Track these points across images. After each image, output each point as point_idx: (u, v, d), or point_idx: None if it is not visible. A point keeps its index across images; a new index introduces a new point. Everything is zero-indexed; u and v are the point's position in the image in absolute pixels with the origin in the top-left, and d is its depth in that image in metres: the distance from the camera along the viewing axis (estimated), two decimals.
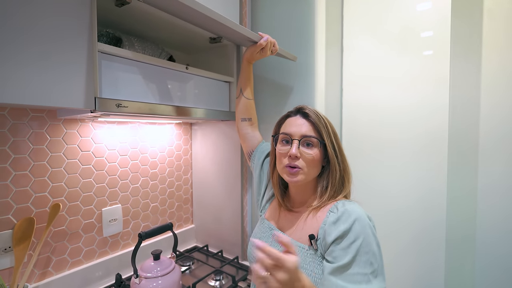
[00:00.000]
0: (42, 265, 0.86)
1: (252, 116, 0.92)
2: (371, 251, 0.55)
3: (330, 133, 0.65)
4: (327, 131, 0.65)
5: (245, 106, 0.91)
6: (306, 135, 0.65)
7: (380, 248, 0.57)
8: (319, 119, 0.66)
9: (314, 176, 0.67)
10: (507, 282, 0.80)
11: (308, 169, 0.65)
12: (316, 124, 0.65)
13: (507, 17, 0.78)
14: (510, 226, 0.80)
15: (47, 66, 0.57)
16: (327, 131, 0.65)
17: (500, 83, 0.80)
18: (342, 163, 0.66)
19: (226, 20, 0.78)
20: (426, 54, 0.86)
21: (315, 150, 0.65)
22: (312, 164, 0.65)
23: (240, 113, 0.92)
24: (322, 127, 0.65)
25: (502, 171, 0.81)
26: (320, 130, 0.65)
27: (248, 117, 0.92)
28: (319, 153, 0.65)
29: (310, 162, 0.64)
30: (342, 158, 0.66)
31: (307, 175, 0.65)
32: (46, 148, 0.86)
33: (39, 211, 0.84)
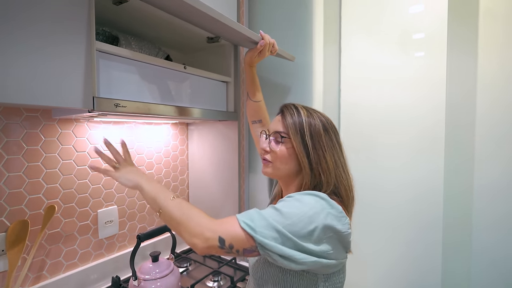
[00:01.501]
0: (37, 268, 0.84)
1: (262, 117, 0.93)
2: (291, 205, 0.54)
3: (302, 131, 0.62)
4: (297, 128, 0.62)
5: (254, 109, 0.93)
6: (275, 131, 0.66)
7: (305, 217, 0.53)
8: (293, 116, 0.64)
9: (287, 171, 0.65)
10: (502, 281, 0.82)
11: (276, 163, 0.65)
12: (287, 120, 0.64)
13: (504, 17, 0.80)
14: (506, 225, 0.82)
15: (43, 65, 0.56)
16: (297, 128, 0.62)
17: (496, 82, 0.81)
18: (316, 163, 0.61)
19: (228, 19, 0.78)
20: (423, 55, 0.87)
21: (282, 147, 0.64)
22: (280, 159, 0.64)
23: (251, 116, 0.94)
24: (292, 124, 0.63)
25: (498, 170, 0.82)
26: (288, 127, 0.63)
27: (258, 119, 0.93)
28: (285, 149, 0.64)
29: (277, 157, 0.65)
30: (318, 158, 0.61)
31: (275, 169, 0.66)
32: (41, 148, 0.84)
33: (33, 213, 0.82)
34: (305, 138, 0.62)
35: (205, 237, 0.52)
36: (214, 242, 0.52)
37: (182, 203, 0.60)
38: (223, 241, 0.52)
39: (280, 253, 0.50)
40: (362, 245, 0.65)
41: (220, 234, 0.52)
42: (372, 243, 0.97)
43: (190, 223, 0.55)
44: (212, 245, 0.52)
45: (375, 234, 0.97)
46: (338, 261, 0.56)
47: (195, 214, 0.56)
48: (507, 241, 0.81)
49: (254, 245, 0.51)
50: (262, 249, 0.51)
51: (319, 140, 0.62)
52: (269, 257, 0.52)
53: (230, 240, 0.52)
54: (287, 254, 0.50)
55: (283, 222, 0.52)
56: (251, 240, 0.51)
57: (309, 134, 0.62)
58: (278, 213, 0.53)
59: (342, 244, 0.57)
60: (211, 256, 1.20)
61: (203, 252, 0.54)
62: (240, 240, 0.52)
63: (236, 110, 1.12)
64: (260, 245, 0.51)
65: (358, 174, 0.68)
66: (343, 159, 0.65)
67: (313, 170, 0.61)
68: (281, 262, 0.51)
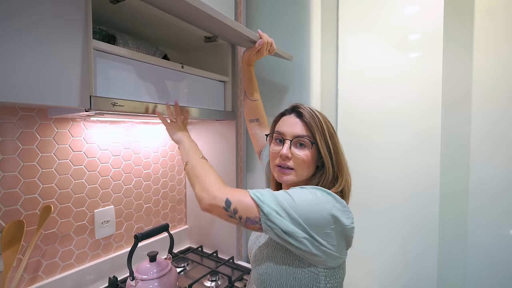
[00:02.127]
0: (32, 269, 0.83)
1: (259, 116, 0.93)
2: (298, 194, 0.55)
3: (324, 133, 0.62)
4: (321, 131, 0.62)
5: (251, 107, 0.93)
6: (298, 135, 0.63)
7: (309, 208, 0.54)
8: (314, 118, 0.63)
9: (306, 177, 0.64)
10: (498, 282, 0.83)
11: (299, 170, 0.63)
12: (310, 124, 0.62)
13: (499, 17, 0.81)
14: (501, 226, 0.83)
15: (40, 63, 0.55)
16: (321, 131, 0.62)
17: (492, 83, 0.82)
18: (337, 165, 0.63)
19: (226, 18, 0.78)
20: (420, 55, 0.88)
21: (307, 151, 0.62)
22: (304, 165, 0.62)
23: (248, 115, 0.94)
24: (316, 127, 0.62)
25: (494, 171, 0.83)
26: (313, 130, 0.62)
27: (256, 118, 0.93)
28: (310, 154, 0.62)
29: (301, 163, 0.62)
30: (337, 159, 0.63)
31: (297, 176, 0.63)
32: (36, 148, 0.83)
33: (28, 214, 0.82)
34: (327, 140, 0.62)
35: (213, 194, 0.57)
36: (220, 202, 0.55)
37: (207, 164, 0.67)
38: (229, 203, 0.55)
39: (282, 227, 0.52)
40: (357, 247, 0.65)
41: (228, 196, 0.55)
42: (368, 244, 0.98)
43: (206, 179, 0.61)
44: (218, 204, 0.55)
45: (371, 236, 0.97)
46: (338, 254, 0.56)
47: (214, 176, 0.62)
48: (502, 243, 0.82)
49: (258, 216, 0.53)
50: (265, 219, 0.52)
51: (335, 142, 0.64)
52: (271, 230, 0.53)
53: (236, 204, 0.54)
54: (289, 229, 0.52)
55: (290, 203, 0.53)
56: (257, 209, 0.53)
57: (329, 136, 0.63)
58: (288, 196, 0.55)
59: (345, 238, 0.57)
60: (208, 256, 1.20)
61: (206, 208, 0.58)
62: (246, 208, 0.54)
63: (234, 110, 1.12)
64: (264, 215, 0.52)
65: (354, 175, 0.67)
66: (345, 159, 0.66)
67: (335, 173, 0.62)
68: (282, 236, 0.52)
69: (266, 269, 0.61)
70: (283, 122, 0.67)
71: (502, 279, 0.82)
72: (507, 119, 0.81)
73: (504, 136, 0.81)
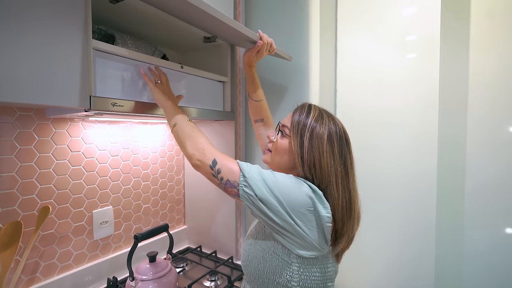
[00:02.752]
0: (30, 270, 0.82)
1: (264, 116, 0.94)
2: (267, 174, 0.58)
3: (303, 132, 0.62)
4: (297, 127, 0.63)
5: (255, 108, 0.94)
6: (282, 125, 0.68)
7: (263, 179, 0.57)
8: (301, 115, 0.64)
9: (280, 165, 0.66)
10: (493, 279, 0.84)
11: (272, 154, 0.68)
12: (293, 118, 0.65)
13: (496, 18, 0.82)
14: (498, 225, 0.84)
15: (39, 63, 0.55)
16: (298, 128, 0.63)
17: (489, 83, 0.83)
18: (309, 164, 0.60)
19: (227, 18, 0.77)
20: (417, 56, 0.89)
21: (284, 140, 0.66)
22: (276, 151, 0.67)
23: (253, 115, 0.96)
24: (296, 123, 0.63)
25: (489, 171, 0.84)
26: (293, 125, 0.64)
27: (260, 118, 0.94)
28: (285, 144, 0.65)
29: (275, 149, 0.67)
30: (312, 160, 0.60)
31: (272, 160, 0.69)
32: (34, 148, 0.82)
33: (26, 214, 0.81)
34: (304, 139, 0.61)
35: (203, 153, 0.62)
36: (208, 160, 0.61)
37: (196, 126, 0.69)
38: (216, 163, 0.60)
39: (258, 193, 0.55)
40: (354, 247, 0.65)
41: (216, 157, 0.61)
42: (365, 245, 0.98)
43: (198, 139, 0.64)
44: (205, 162, 0.61)
45: (368, 236, 0.98)
46: (313, 241, 0.56)
47: (204, 137, 0.66)
48: (499, 244, 0.83)
49: (238, 181, 0.57)
50: (244, 185, 0.56)
51: (318, 145, 0.60)
52: (247, 196, 0.56)
53: (221, 165, 0.60)
54: (264, 197, 0.55)
55: (271, 178, 0.57)
56: (238, 174, 0.58)
57: (309, 136, 0.61)
58: (271, 172, 0.59)
59: (320, 227, 0.56)
60: (207, 256, 1.20)
61: (195, 164, 0.63)
62: (229, 170, 0.59)
63: (233, 110, 1.12)
64: (244, 178, 0.57)
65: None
66: (343, 172, 0.61)
67: (305, 171, 0.61)
68: (257, 204, 0.55)
69: (247, 255, 0.65)
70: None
71: (498, 280, 0.83)
72: (503, 120, 0.82)
73: (500, 137, 0.82)
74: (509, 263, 0.82)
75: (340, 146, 0.62)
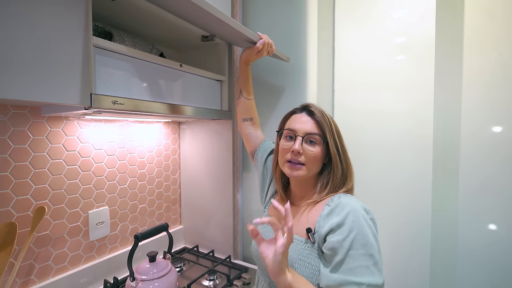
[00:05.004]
0: (24, 273, 0.80)
1: (253, 115, 0.92)
2: (369, 242, 0.55)
3: (333, 132, 0.67)
4: (330, 129, 0.67)
5: (246, 106, 0.92)
6: (309, 133, 0.66)
7: (377, 241, 0.58)
8: (324, 117, 0.67)
9: (315, 172, 0.69)
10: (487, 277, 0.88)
11: (309, 166, 0.66)
12: (320, 122, 0.66)
13: (490, 19, 0.84)
14: (486, 222, 0.87)
15: (38, 60, 0.53)
16: (331, 129, 0.67)
17: (482, 83, 0.86)
18: (344, 162, 0.67)
19: (228, 18, 0.77)
20: (412, 58, 0.91)
21: (317, 148, 0.66)
22: (314, 161, 0.66)
23: (241, 114, 0.93)
24: (326, 126, 0.66)
25: (481, 171, 0.87)
26: (324, 128, 0.66)
27: (249, 117, 0.92)
28: (320, 151, 0.66)
29: (312, 159, 0.66)
30: (345, 157, 0.68)
31: (308, 171, 0.67)
32: (29, 147, 0.80)
33: (20, 215, 0.79)
34: (336, 139, 0.67)
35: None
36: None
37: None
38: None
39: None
40: None
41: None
42: None
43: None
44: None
45: None
46: None
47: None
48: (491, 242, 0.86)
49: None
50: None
51: (342, 141, 0.68)
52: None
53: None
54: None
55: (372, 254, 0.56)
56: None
57: (337, 135, 0.67)
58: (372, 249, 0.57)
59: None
60: (205, 256, 1.19)
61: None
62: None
63: (230, 109, 1.12)
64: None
65: None
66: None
67: (344, 170, 0.67)
68: None
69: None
70: (294, 120, 0.71)
71: (492, 278, 0.86)
72: (498, 120, 0.84)
73: (495, 137, 0.85)
74: (502, 262, 0.85)
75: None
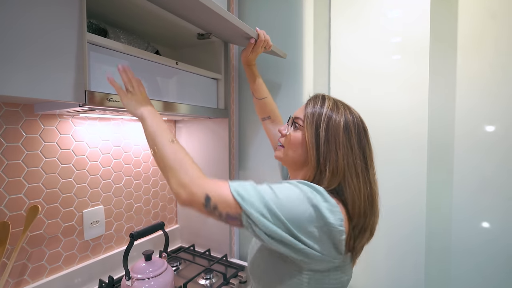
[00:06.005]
0: (17, 273, 0.79)
1: (270, 114, 0.93)
2: (283, 191, 0.52)
3: (318, 122, 0.58)
4: (313, 118, 0.59)
5: (260, 106, 0.94)
6: (295, 116, 0.64)
7: (292, 205, 0.51)
8: (315, 106, 0.61)
9: (294, 159, 0.63)
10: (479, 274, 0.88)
11: (285, 149, 0.64)
12: (307, 109, 0.62)
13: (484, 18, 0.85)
14: (481, 221, 0.88)
15: (32, 55, 0.53)
16: (313, 119, 0.59)
17: (476, 82, 0.87)
18: (325, 157, 0.57)
19: (227, 13, 0.77)
20: (407, 57, 0.91)
21: (298, 133, 0.62)
22: (290, 145, 0.63)
23: (259, 114, 0.95)
24: (310, 114, 0.60)
25: (476, 171, 0.88)
26: (307, 115, 0.61)
27: (267, 116, 0.93)
28: (299, 137, 0.62)
29: (288, 142, 0.63)
30: (328, 152, 0.57)
31: (284, 155, 0.64)
32: (21, 145, 0.79)
33: (13, 215, 0.77)
34: (319, 130, 0.58)
35: (191, 190, 0.52)
36: (199, 198, 0.51)
37: (180, 150, 0.57)
38: (209, 200, 0.51)
39: (264, 228, 0.48)
40: None
41: (208, 192, 0.51)
42: None
43: (181, 171, 0.54)
44: (197, 200, 0.51)
45: None
46: (324, 257, 0.52)
47: (189, 165, 0.55)
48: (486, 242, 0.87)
49: (240, 212, 0.49)
50: (247, 219, 0.49)
51: (335, 136, 0.57)
52: (251, 229, 0.49)
53: (216, 200, 0.50)
54: (271, 231, 0.48)
55: (274, 199, 0.50)
56: (238, 207, 0.49)
57: (325, 126, 0.58)
58: (272, 191, 0.51)
59: (331, 240, 0.51)
60: (201, 255, 1.19)
61: (185, 205, 0.53)
62: (226, 203, 0.50)
63: (226, 108, 1.11)
64: (246, 215, 0.49)
65: None
66: (362, 164, 0.57)
67: (320, 165, 0.57)
68: (263, 237, 0.49)
69: (253, 260, 0.63)
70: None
71: (487, 277, 0.87)
72: (492, 118, 0.85)
73: (490, 135, 0.85)
74: (497, 260, 0.86)
75: (358, 136, 0.58)
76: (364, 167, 0.57)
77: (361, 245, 0.58)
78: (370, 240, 0.60)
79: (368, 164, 0.58)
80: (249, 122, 1.23)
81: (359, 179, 0.56)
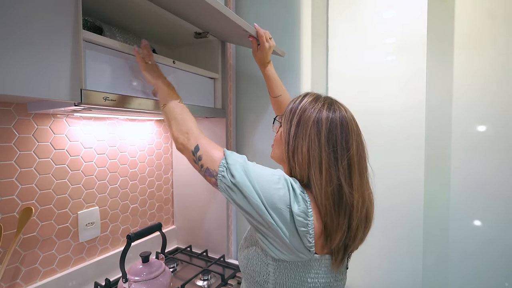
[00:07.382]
0: (10, 277, 0.77)
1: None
2: (258, 169, 0.54)
3: (292, 117, 0.58)
4: (289, 114, 0.59)
5: (276, 104, 0.94)
6: (277, 114, 0.69)
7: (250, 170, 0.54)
8: (294, 102, 0.60)
9: (279, 156, 0.63)
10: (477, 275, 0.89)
11: (274, 147, 0.67)
12: (287, 106, 0.61)
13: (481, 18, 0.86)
14: (477, 219, 0.89)
15: (27, 53, 0.51)
16: (289, 114, 0.59)
17: (473, 82, 0.87)
18: (292, 151, 0.56)
19: (226, 9, 0.76)
20: (405, 56, 0.92)
21: (279, 130, 0.64)
22: (276, 142, 0.65)
23: (276, 112, 0.96)
24: (288, 110, 0.60)
25: (474, 171, 0.89)
26: (285, 112, 0.61)
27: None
28: (279, 133, 0.64)
29: (276, 140, 0.66)
30: (294, 146, 0.56)
31: (273, 153, 0.67)
32: (14, 145, 0.77)
33: (6, 217, 0.75)
34: (292, 124, 0.57)
35: (188, 138, 0.62)
36: (191, 146, 0.60)
37: (186, 108, 0.69)
38: (197, 149, 0.59)
39: (238, 178, 0.52)
40: None
41: (199, 143, 0.60)
42: None
43: (185, 123, 0.64)
44: (188, 147, 0.61)
45: None
46: (291, 245, 0.50)
47: (192, 121, 0.65)
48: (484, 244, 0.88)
49: (217, 171, 0.55)
50: (224, 166, 0.54)
51: (304, 130, 0.55)
52: (224, 185, 0.54)
53: (203, 152, 0.59)
54: (243, 184, 0.51)
55: (253, 170, 0.54)
56: (219, 163, 0.55)
57: (297, 121, 0.56)
58: (254, 164, 0.56)
59: (296, 228, 0.50)
60: (198, 256, 1.18)
61: (179, 148, 0.64)
62: (210, 158, 0.57)
63: (223, 107, 1.11)
64: (226, 163, 0.54)
65: None
66: (329, 160, 0.53)
67: (289, 158, 0.57)
68: (236, 192, 0.52)
69: (241, 255, 0.64)
70: None
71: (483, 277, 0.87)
72: (489, 118, 0.86)
73: (487, 136, 0.86)
74: (495, 264, 0.86)
75: (329, 131, 0.54)
76: (332, 163, 0.53)
77: (339, 247, 0.54)
78: (358, 245, 0.57)
79: (339, 161, 0.53)
80: (246, 122, 1.22)
81: (322, 174, 0.53)
